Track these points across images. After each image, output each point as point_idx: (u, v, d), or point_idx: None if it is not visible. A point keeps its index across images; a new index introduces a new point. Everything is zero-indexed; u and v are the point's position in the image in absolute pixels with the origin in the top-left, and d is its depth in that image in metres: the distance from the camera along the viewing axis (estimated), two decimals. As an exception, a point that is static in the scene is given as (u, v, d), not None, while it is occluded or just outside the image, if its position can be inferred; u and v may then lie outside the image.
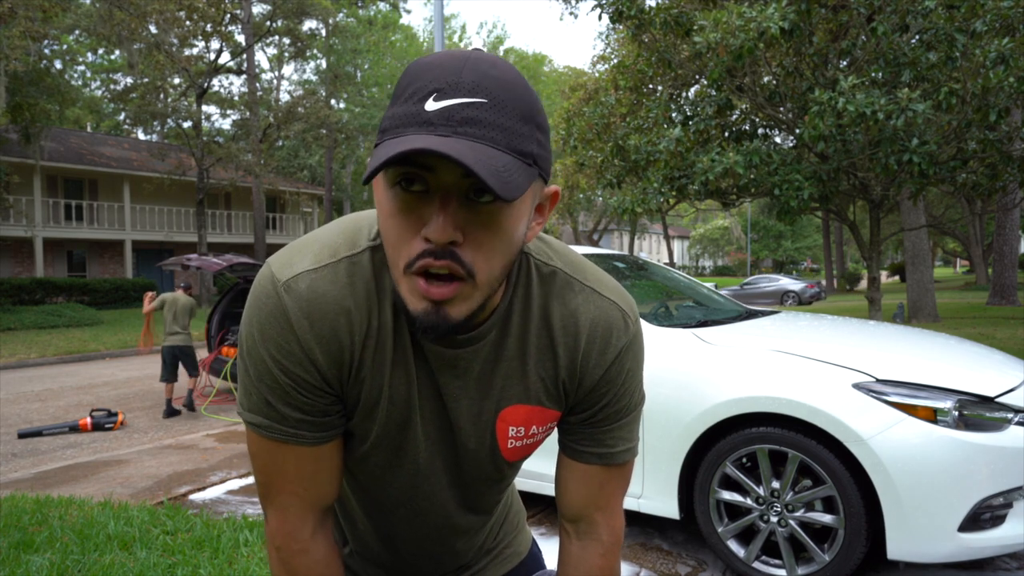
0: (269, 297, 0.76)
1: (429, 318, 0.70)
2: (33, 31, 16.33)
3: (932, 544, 2.50)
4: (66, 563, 2.88)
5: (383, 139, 0.67)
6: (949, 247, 44.71)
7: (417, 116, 0.65)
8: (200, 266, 8.89)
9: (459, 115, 0.64)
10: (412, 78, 0.68)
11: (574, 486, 0.93)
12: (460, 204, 0.67)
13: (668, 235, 40.45)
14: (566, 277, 0.86)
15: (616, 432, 0.91)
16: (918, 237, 13.71)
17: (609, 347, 0.86)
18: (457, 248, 0.68)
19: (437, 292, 0.68)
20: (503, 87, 0.67)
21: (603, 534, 0.95)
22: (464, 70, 0.66)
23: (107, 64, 34.26)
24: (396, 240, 0.69)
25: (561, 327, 0.85)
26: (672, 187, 6.76)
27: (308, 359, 0.77)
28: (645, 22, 6.83)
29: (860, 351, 2.96)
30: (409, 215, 0.68)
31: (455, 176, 0.65)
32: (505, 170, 0.63)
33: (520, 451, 0.91)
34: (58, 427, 6.51)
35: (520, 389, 0.86)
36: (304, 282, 0.76)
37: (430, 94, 0.65)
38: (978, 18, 5.54)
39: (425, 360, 0.83)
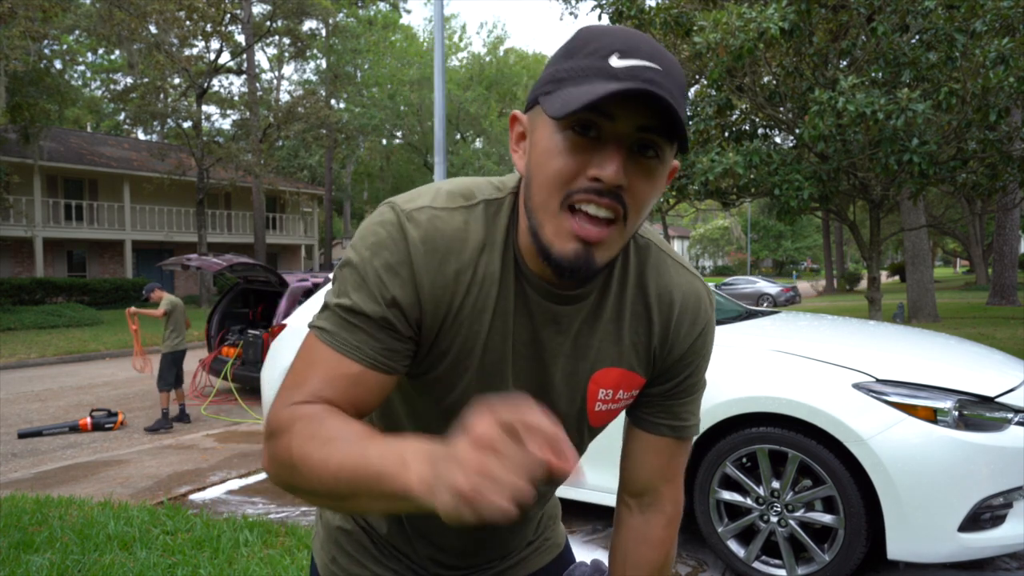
0: (391, 221, 0.79)
1: (579, 259, 0.73)
2: (33, 31, 16.33)
3: (932, 544, 2.50)
4: (66, 563, 2.88)
5: (562, 87, 0.71)
6: (949, 247, 44.71)
7: (603, 69, 0.69)
8: (200, 266, 8.89)
9: (643, 75, 0.69)
10: (589, 38, 0.72)
11: (645, 458, 0.96)
12: (627, 154, 0.71)
13: (668, 235, 40.46)
14: (659, 251, 0.91)
15: (689, 406, 0.96)
16: (918, 237, 13.71)
17: (699, 319, 0.91)
18: (621, 191, 0.71)
19: (595, 232, 0.72)
20: (670, 61, 0.72)
21: (667, 505, 0.98)
22: (641, 40, 0.72)
23: (107, 64, 34.25)
24: (558, 175, 0.72)
25: (656, 295, 0.89)
26: (672, 187, 6.76)
27: (413, 284, 0.78)
28: (645, 22, 6.83)
29: (860, 351, 2.96)
30: (578, 156, 0.71)
31: (631, 127, 0.70)
32: (683, 125, 0.69)
33: (604, 416, 0.93)
34: (58, 427, 6.51)
35: (615, 351, 0.89)
36: (426, 215, 0.79)
37: (613, 52, 0.70)
38: (978, 18, 5.54)
39: (527, 314, 0.84)
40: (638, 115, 0.69)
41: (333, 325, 0.79)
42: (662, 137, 0.71)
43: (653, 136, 0.71)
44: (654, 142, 0.72)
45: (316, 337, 0.80)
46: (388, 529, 1.03)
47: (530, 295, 0.83)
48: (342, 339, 0.78)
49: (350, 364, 0.78)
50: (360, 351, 0.78)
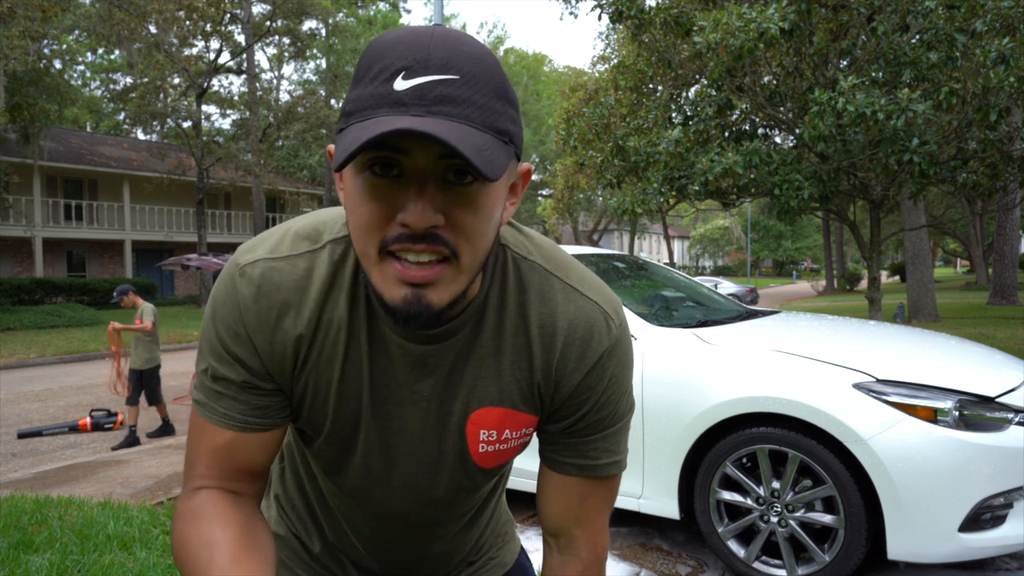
0: (228, 278, 0.77)
1: (409, 306, 0.65)
2: (32, 31, 16.33)
3: (932, 544, 2.49)
4: (66, 563, 2.88)
5: (349, 123, 0.63)
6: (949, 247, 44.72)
7: (387, 96, 0.61)
8: (200, 266, 8.90)
9: (432, 93, 0.60)
10: (375, 57, 0.63)
11: (553, 499, 0.88)
12: (437, 187, 0.63)
13: (668, 235, 40.46)
14: (545, 273, 0.81)
15: (599, 443, 0.84)
16: (918, 237, 13.71)
17: (588, 351, 0.79)
18: (438, 230, 0.64)
19: (418, 274, 0.64)
20: (474, 62, 0.63)
21: (583, 551, 0.89)
22: (432, 46, 0.62)
23: (107, 64, 34.26)
24: (368, 226, 0.65)
25: (538, 326, 0.79)
26: (672, 187, 6.76)
27: (252, 346, 0.76)
28: (645, 22, 6.82)
29: (860, 351, 2.96)
30: (382, 201, 0.64)
31: (431, 158, 0.62)
32: (486, 149, 0.60)
33: (494, 457, 0.85)
34: (58, 427, 6.51)
35: (494, 390, 0.80)
36: (259, 269, 0.75)
37: (398, 72, 0.61)
38: (978, 18, 5.54)
39: (387, 358, 0.78)
40: (433, 145, 0.60)
41: (202, 394, 0.80)
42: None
43: (458, 161, 0.61)
44: (464, 167, 0.62)
45: (194, 408, 0.81)
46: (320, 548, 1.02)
47: (388, 336, 0.77)
48: (211, 408, 0.79)
49: (223, 433, 0.79)
50: (228, 418, 0.78)
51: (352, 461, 0.85)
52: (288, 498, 1.03)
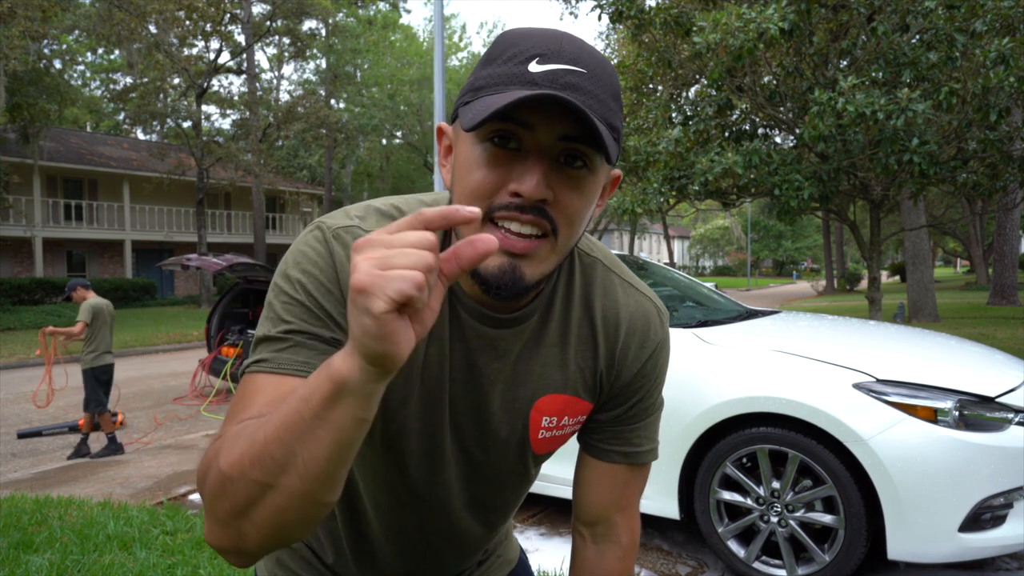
0: (318, 241, 0.76)
1: (504, 275, 0.67)
2: (32, 31, 16.33)
3: (932, 544, 2.49)
4: (66, 563, 2.88)
5: (479, 96, 0.67)
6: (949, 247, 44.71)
7: (521, 76, 0.65)
8: (200, 266, 8.90)
9: (563, 79, 0.65)
10: (509, 44, 0.68)
11: (597, 487, 0.92)
12: (551, 165, 0.67)
13: (668, 235, 40.45)
14: (606, 269, 0.87)
15: (642, 431, 0.91)
16: (918, 237, 13.71)
17: (647, 342, 0.87)
18: (545, 205, 0.67)
19: (520, 244, 0.67)
20: (597, 63, 0.68)
21: (623, 536, 0.93)
22: (563, 41, 0.68)
23: (107, 64, 34.24)
24: (479, 190, 0.67)
25: (602, 318, 0.85)
26: (672, 187, 6.76)
27: (343, 302, 0.74)
28: (645, 22, 6.82)
29: (860, 351, 2.96)
30: (498, 168, 0.67)
31: (552, 137, 0.66)
32: (606, 136, 0.65)
33: (549, 443, 0.89)
34: (58, 427, 6.51)
35: (559, 378, 0.84)
36: (353, 233, 0.76)
37: (532, 57, 0.66)
38: (978, 18, 5.54)
39: (462, 339, 0.80)
40: (558, 124, 0.65)
41: (271, 352, 0.72)
42: (587, 146, 0.67)
43: (578, 145, 0.67)
44: (581, 151, 0.67)
45: (254, 371, 0.71)
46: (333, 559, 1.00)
47: (464, 319, 0.79)
48: (283, 360, 0.71)
49: (291, 381, 0.70)
50: (307, 366, 0.71)
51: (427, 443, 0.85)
52: None
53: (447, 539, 0.97)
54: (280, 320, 0.73)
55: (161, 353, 13.32)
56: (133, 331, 15.56)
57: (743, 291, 32.65)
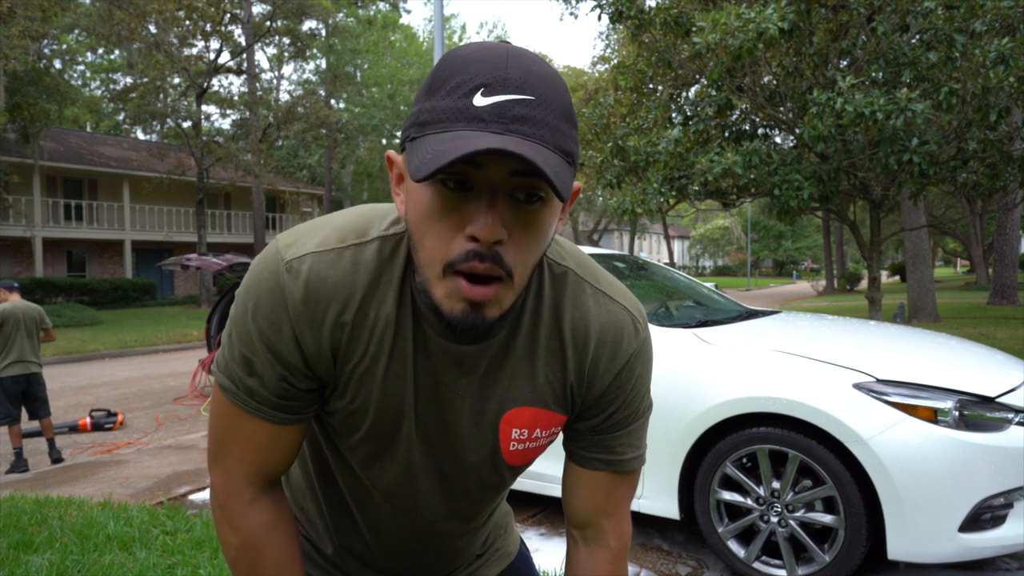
0: (271, 273, 0.75)
1: (468, 319, 0.69)
2: (32, 30, 16.33)
3: (932, 544, 2.49)
4: (66, 563, 2.88)
5: (424, 133, 0.66)
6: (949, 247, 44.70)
7: (466, 111, 0.63)
8: (200, 266, 8.90)
9: (510, 112, 0.63)
10: (452, 71, 0.66)
11: (582, 493, 0.92)
12: (505, 203, 0.66)
13: (668, 235, 40.46)
14: (577, 278, 0.85)
15: (624, 439, 0.90)
16: (918, 237, 13.71)
17: (619, 353, 0.84)
18: (500, 248, 0.67)
19: (480, 293, 0.68)
20: (547, 85, 0.66)
21: (611, 540, 0.94)
22: (509, 65, 0.65)
23: (107, 64, 34.23)
24: (436, 240, 0.67)
25: (571, 330, 0.83)
26: (672, 187, 6.75)
27: (296, 342, 0.76)
28: (645, 22, 6.82)
29: (860, 351, 2.96)
30: (452, 214, 0.66)
31: (503, 174, 0.65)
32: (560, 170, 0.63)
33: (522, 455, 0.89)
34: (58, 427, 6.51)
35: (528, 390, 0.84)
36: (307, 263, 0.75)
37: (477, 88, 0.64)
38: (978, 18, 5.54)
39: (428, 356, 0.80)
40: (508, 162, 0.63)
41: (234, 383, 0.79)
42: (540, 179, 0.65)
43: (529, 179, 0.65)
44: (535, 186, 0.66)
45: (223, 395, 0.81)
46: (332, 550, 1.02)
47: (429, 335, 0.79)
48: (244, 401, 0.79)
49: (260, 425, 0.81)
50: (262, 412, 0.80)
51: (393, 456, 0.87)
52: (296, 502, 1.04)
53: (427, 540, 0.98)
54: (239, 350, 0.78)
55: (161, 353, 13.32)
56: (133, 331, 15.55)
57: (743, 291, 32.65)
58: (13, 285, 5.79)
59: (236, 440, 0.82)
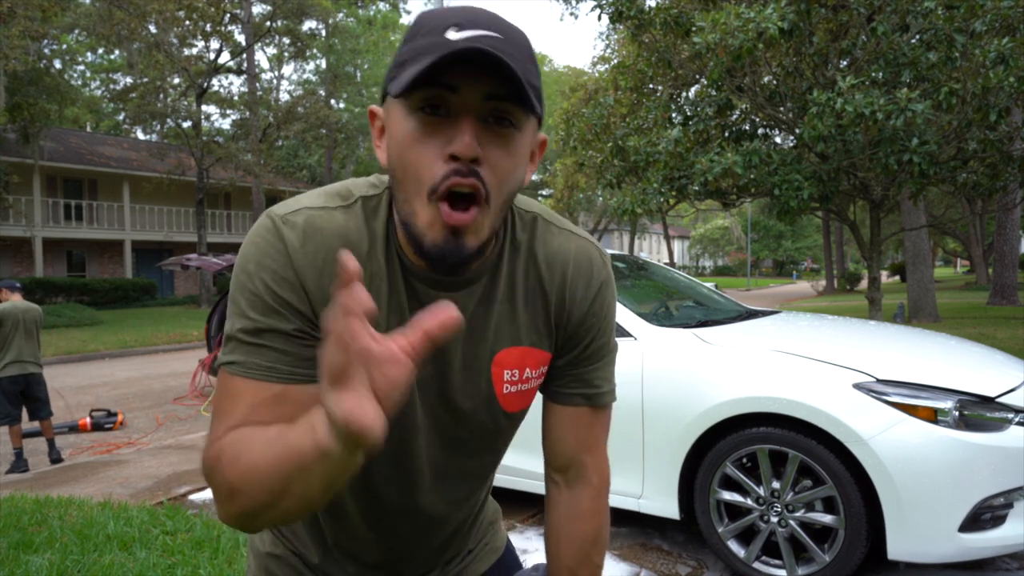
0: (268, 231, 0.78)
1: (448, 245, 0.72)
2: (32, 30, 16.33)
3: (932, 544, 2.50)
4: (66, 563, 2.88)
5: (404, 69, 0.70)
6: (949, 247, 44.70)
7: (442, 44, 0.68)
8: (200, 266, 8.91)
9: (481, 42, 0.68)
10: (425, 20, 0.73)
11: (564, 432, 0.96)
12: (480, 126, 0.70)
13: (668, 235, 40.45)
14: (544, 222, 0.91)
15: (600, 371, 0.95)
16: (918, 237, 13.71)
17: (592, 280, 0.91)
18: (477, 167, 0.70)
19: (459, 218, 0.71)
20: (510, 28, 0.73)
21: (592, 477, 0.98)
22: (479, 12, 0.72)
23: (107, 64, 34.24)
24: (419, 164, 0.71)
25: (547, 265, 0.89)
26: (672, 187, 6.75)
27: (301, 286, 0.77)
28: (645, 22, 6.82)
29: (860, 351, 2.96)
30: (432, 138, 0.70)
31: (478, 97, 0.69)
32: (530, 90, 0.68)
33: (516, 399, 0.92)
34: (58, 427, 6.51)
35: (511, 330, 0.88)
36: (303, 216, 0.78)
37: (449, 27, 0.70)
38: (977, 18, 5.54)
39: (420, 306, 0.82)
40: (483, 84, 0.69)
41: (241, 354, 0.77)
42: (512, 103, 0.70)
43: (504, 104, 0.70)
44: (507, 111, 0.71)
45: (228, 372, 0.78)
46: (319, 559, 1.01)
47: (417, 287, 0.83)
48: (253, 364, 0.76)
49: (268, 387, 0.76)
50: (275, 371, 0.76)
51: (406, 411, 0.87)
52: None
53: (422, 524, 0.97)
54: (244, 316, 0.77)
55: (161, 353, 13.32)
56: (133, 331, 15.55)
57: (743, 291, 32.65)
58: (15, 285, 5.80)
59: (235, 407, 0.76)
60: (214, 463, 0.72)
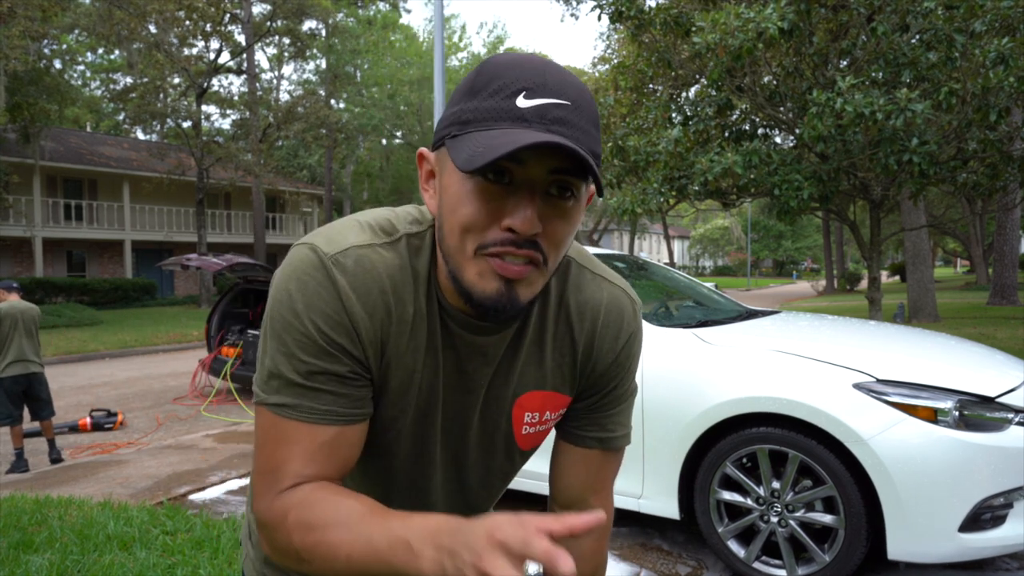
0: (316, 269, 0.75)
1: (501, 298, 0.72)
2: (32, 30, 16.33)
3: (932, 544, 2.49)
4: (66, 563, 2.88)
5: (467, 131, 0.69)
6: (949, 247, 44.70)
7: (510, 111, 0.68)
8: (200, 266, 8.90)
9: (551, 114, 0.68)
10: (493, 75, 0.70)
11: (573, 471, 0.95)
12: (542, 198, 0.70)
13: (668, 235, 40.44)
14: (578, 267, 0.90)
15: (616, 417, 0.94)
16: (918, 237, 13.71)
17: (622, 332, 0.90)
18: (537, 238, 0.70)
19: (516, 270, 0.70)
20: (579, 92, 0.71)
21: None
22: (547, 72, 0.70)
23: (107, 64, 34.23)
24: (472, 225, 0.70)
25: (577, 313, 0.88)
26: (672, 187, 6.75)
27: (354, 330, 0.76)
28: (645, 22, 6.82)
29: (860, 351, 2.96)
30: (491, 203, 0.70)
31: (543, 171, 0.69)
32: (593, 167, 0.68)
33: (533, 438, 0.93)
34: (58, 427, 6.50)
35: (538, 374, 0.88)
36: (352, 256, 0.77)
37: (520, 91, 0.68)
38: (977, 18, 5.54)
39: (453, 347, 0.83)
40: (549, 159, 0.68)
41: (293, 397, 0.75)
42: (576, 177, 0.70)
43: (567, 177, 0.70)
44: (569, 183, 0.70)
45: (278, 415, 0.76)
46: None
47: (453, 329, 0.82)
48: (308, 408, 0.75)
49: (325, 431, 0.76)
50: (332, 414, 0.76)
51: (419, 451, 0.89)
52: None
53: None
54: (296, 359, 0.75)
55: (161, 353, 13.32)
56: (133, 331, 15.55)
57: (743, 291, 32.65)
58: (12, 285, 5.77)
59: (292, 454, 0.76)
60: (279, 522, 0.74)
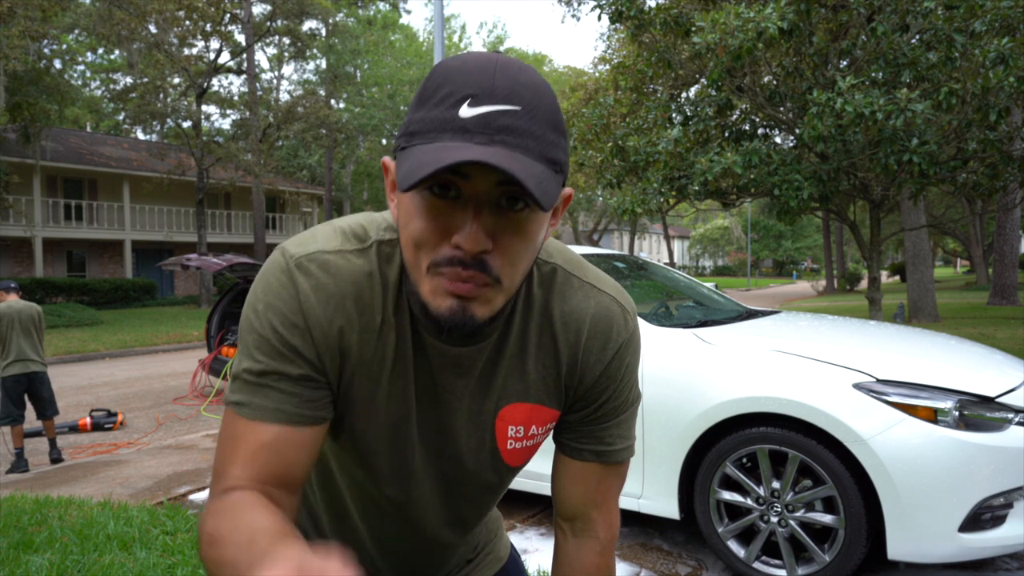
0: (281, 271, 0.76)
1: (455, 316, 0.68)
2: (32, 30, 16.33)
3: (932, 544, 2.50)
4: (66, 563, 2.88)
5: (412, 143, 0.66)
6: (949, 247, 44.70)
7: (452, 122, 0.64)
8: (200, 266, 8.90)
9: (496, 123, 0.64)
10: (441, 81, 0.66)
11: (571, 484, 0.93)
12: (491, 212, 0.67)
13: (668, 235, 40.44)
14: (565, 274, 0.86)
15: (614, 429, 0.90)
16: (918, 237, 13.71)
17: (609, 342, 0.85)
18: (486, 256, 0.67)
19: (464, 288, 0.67)
20: (534, 94, 0.66)
21: (600, 532, 0.94)
22: (496, 75, 0.65)
23: (107, 64, 34.24)
24: (422, 241, 0.68)
25: (562, 323, 0.84)
26: (672, 187, 6.75)
27: (309, 334, 0.75)
28: (645, 22, 6.82)
29: (860, 351, 2.96)
30: (438, 219, 0.67)
31: (489, 184, 0.65)
32: (543, 180, 0.63)
33: (520, 453, 0.90)
34: (58, 427, 6.51)
35: (520, 387, 0.85)
36: (317, 261, 0.76)
37: (464, 99, 0.64)
38: (977, 18, 5.53)
39: (425, 358, 0.81)
40: (494, 172, 0.63)
41: (246, 395, 0.75)
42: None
43: (515, 189, 0.65)
44: (519, 194, 0.66)
45: (232, 412, 0.76)
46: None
47: (426, 339, 0.80)
48: (256, 406, 0.75)
49: (268, 429, 0.74)
50: (280, 412, 0.75)
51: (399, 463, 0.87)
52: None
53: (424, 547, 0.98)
54: (251, 358, 0.76)
55: (161, 353, 13.32)
56: (133, 331, 15.55)
57: (743, 291, 32.65)
58: (10, 285, 5.76)
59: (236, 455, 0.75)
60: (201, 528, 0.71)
